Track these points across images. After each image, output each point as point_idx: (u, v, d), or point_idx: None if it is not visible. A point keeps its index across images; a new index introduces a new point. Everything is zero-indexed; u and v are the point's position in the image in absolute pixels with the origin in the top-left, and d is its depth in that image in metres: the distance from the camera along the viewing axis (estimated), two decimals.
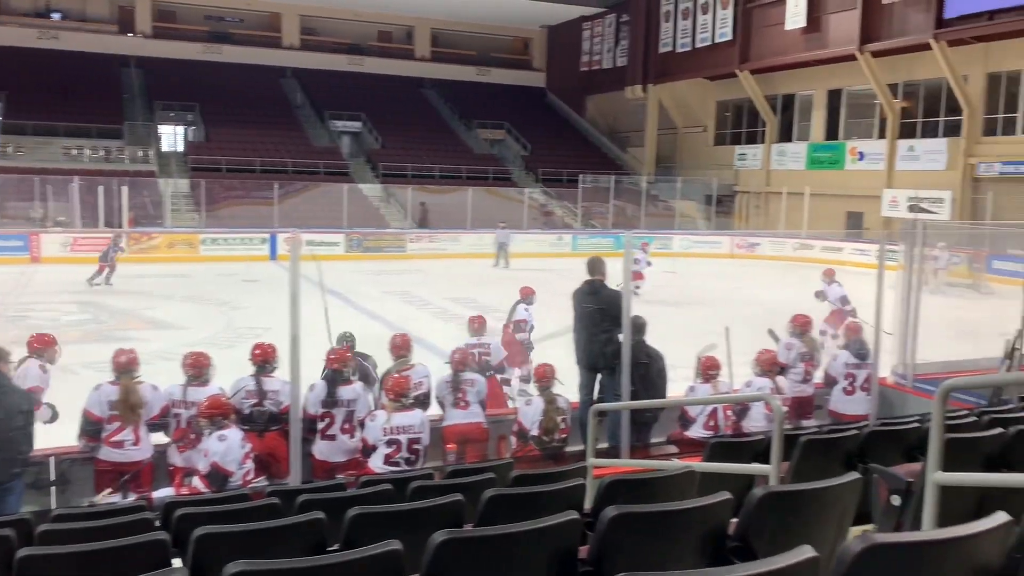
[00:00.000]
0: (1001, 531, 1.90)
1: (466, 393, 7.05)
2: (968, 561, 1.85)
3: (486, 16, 40.85)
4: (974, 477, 3.48)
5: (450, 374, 7.12)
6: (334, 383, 6.42)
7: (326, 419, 6.34)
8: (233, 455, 5.50)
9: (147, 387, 6.15)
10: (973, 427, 4.87)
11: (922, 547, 1.78)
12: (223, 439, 5.51)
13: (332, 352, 6.64)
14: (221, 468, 5.46)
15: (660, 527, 2.46)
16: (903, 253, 8.65)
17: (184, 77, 36.68)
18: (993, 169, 24.64)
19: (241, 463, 5.54)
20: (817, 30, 28.53)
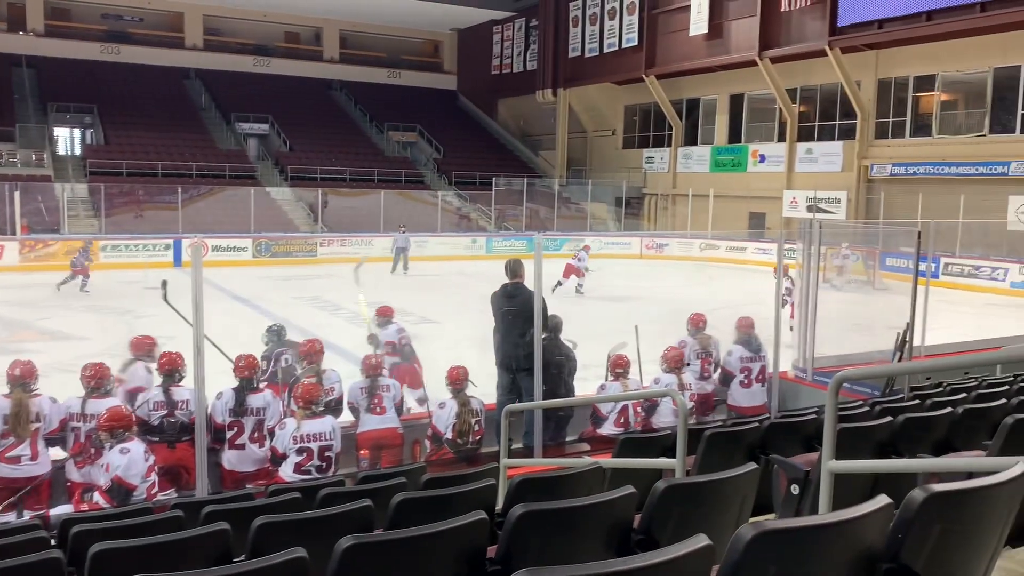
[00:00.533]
0: (884, 513, 2.00)
1: (382, 399, 7.00)
2: (854, 543, 1.95)
3: (395, 18, 40.59)
4: (865, 464, 3.66)
5: (365, 379, 7.05)
6: (243, 391, 6.29)
7: (234, 428, 6.21)
8: (136, 468, 5.30)
9: (44, 400, 5.89)
10: (866, 416, 5.11)
11: (810, 531, 1.86)
12: (125, 452, 5.30)
13: (240, 359, 6.49)
14: (124, 482, 5.26)
15: (567, 523, 2.50)
16: (801, 252, 8.99)
17: (80, 78, 35.26)
18: (885, 170, 25.88)
19: (145, 476, 5.35)
20: (719, 36, 29.40)
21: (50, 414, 5.85)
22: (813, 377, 8.64)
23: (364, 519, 3.06)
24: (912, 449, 4.44)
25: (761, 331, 8.30)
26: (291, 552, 2.16)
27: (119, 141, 32.39)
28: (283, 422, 6.14)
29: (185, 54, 39.23)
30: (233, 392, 6.28)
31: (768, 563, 1.74)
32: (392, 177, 34.60)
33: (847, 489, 3.27)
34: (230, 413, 6.21)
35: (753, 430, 4.86)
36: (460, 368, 7.09)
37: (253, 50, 40.99)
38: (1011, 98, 23.25)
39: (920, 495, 1.96)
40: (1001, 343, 10.56)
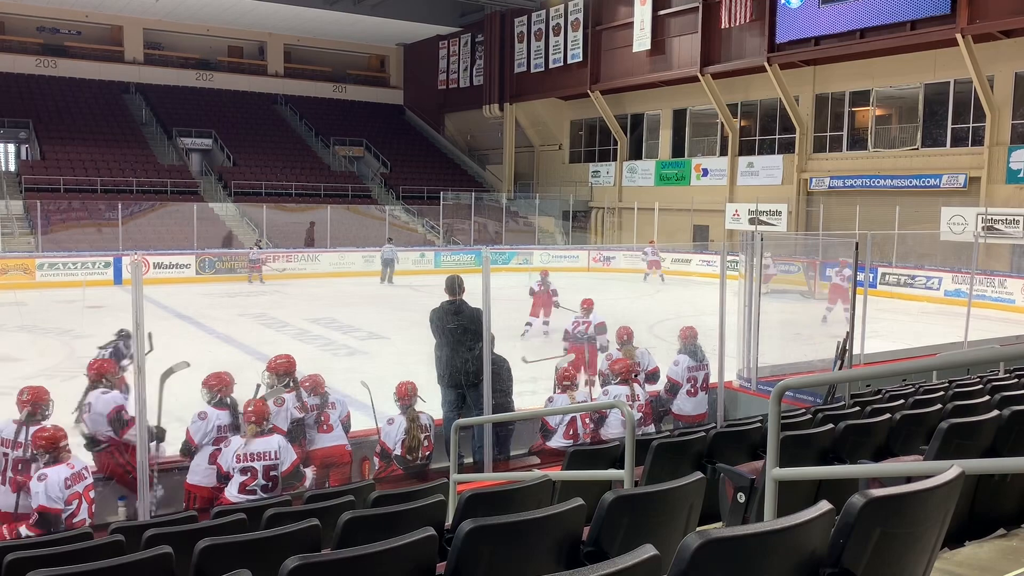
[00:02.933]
0: (826, 519, 2.04)
1: (329, 416, 6.92)
2: (798, 549, 1.98)
3: (340, 33, 40.38)
4: (808, 471, 3.74)
5: (313, 397, 6.97)
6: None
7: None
8: (53, 492, 5.10)
9: None
10: (808, 424, 5.21)
11: (755, 538, 1.89)
12: (42, 479, 5.11)
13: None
14: (47, 509, 5.09)
15: (516, 537, 2.50)
16: (743, 263, 9.16)
17: (15, 92, 34.31)
18: (824, 183, 26.52)
19: (67, 502, 5.16)
20: (662, 52, 29.88)
21: None
22: (757, 386, 8.79)
23: (311, 539, 3.02)
24: (853, 455, 4.54)
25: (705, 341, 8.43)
26: (236, 574, 2.12)
27: (56, 157, 31.56)
28: (228, 440, 6.03)
29: (125, 68, 38.44)
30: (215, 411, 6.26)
31: (714, 571, 1.76)
32: (339, 192, 34.33)
33: (792, 496, 3.33)
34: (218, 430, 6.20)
35: (700, 439, 4.92)
36: (409, 383, 7.06)
37: (196, 64, 40.36)
38: (942, 113, 24.07)
39: (859, 500, 2.01)
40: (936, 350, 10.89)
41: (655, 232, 30.41)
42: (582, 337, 11.41)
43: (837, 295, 16.09)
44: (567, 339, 11.83)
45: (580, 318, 11.89)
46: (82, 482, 5.29)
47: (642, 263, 27.83)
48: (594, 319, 11.66)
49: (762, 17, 26.07)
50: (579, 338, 11.44)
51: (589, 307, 11.92)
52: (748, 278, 8.89)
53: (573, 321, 11.99)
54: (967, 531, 3.50)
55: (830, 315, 15.54)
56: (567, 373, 7.53)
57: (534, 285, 16.19)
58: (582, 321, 11.76)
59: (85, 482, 5.32)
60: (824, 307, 16.64)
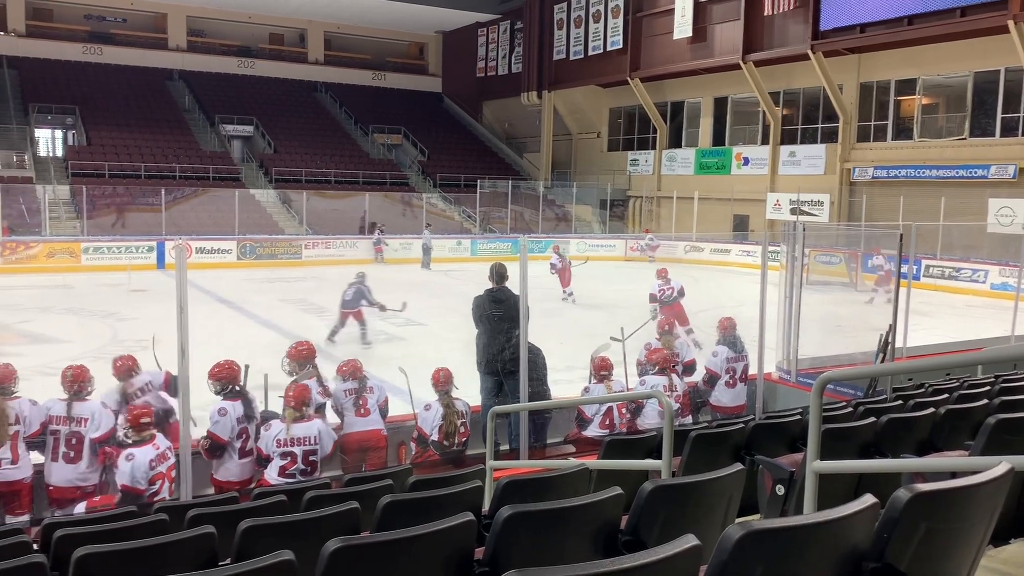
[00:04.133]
0: (870, 513, 2.02)
1: (367, 400, 6.97)
2: (841, 542, 1.96)
3: (380, 21, 40.52)
4: (849, 464, 3.69)
5: (351, 381, 7.01)
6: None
7: (243, 436, 6.13)
8: (139, 473, 5.27)
9: (24, 402, 5.83)
10: (849, 417, 5.14)
11: (797, 531, 1.87)
12: (129, 458, 5.28)
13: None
14: (130, 489, 5.25)
15: (554, 524, 2.50)
16: (785, 254, 9.04)
17: (62, 78, 34.98)
18: (867, 173, 26.06)
19: (150, 482, 5.31)
20: (703, 40, 29.54)
21: (30, 417, 5.79)
22: (797, 378, 8.69)
23: (351, 521, 3.05)
24: (895, 449, 4.47)
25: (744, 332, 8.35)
26: (278, 555, 2.15)
27: (101, 142, 32.15)
28: (269, 424, 6.11)
29: (168, 55, 38.99)
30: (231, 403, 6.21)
31: (756, 563, 1.75)
32: (377, 179, 34.53)
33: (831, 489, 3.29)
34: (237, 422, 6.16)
35: (738, 431, 4.88)
36: (444, 370, 7.08)
37: (237, 51, 40.79)
38: (991, 102, 23.50)
39: (905, 495, 1.97)
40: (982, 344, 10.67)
41: (694, 222, 30.16)
42: (671, 299, 13.81)
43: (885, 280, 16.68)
44: (654, 302, 13.95)
45: (662, 285, 14.14)
46: (165, 462, 5.45)
47: (641, 252, 28.20)
48: (675, 284, 14.12)
49: (806, 4, 25.65)
50: (668, 300, 13.79)
51: (665, 275, 14.34)
52: (789, 269, 8.77)
53: (659, 288, 14.14)
54: (1013, 529, 3.44)
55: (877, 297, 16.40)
56: (604, 362, 7.51)
57: (554, 261, 18.59)
58: (665, 287, 14.06)
59: (168, 462, 5.48)
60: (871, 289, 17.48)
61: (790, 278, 8.80)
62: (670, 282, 14.09)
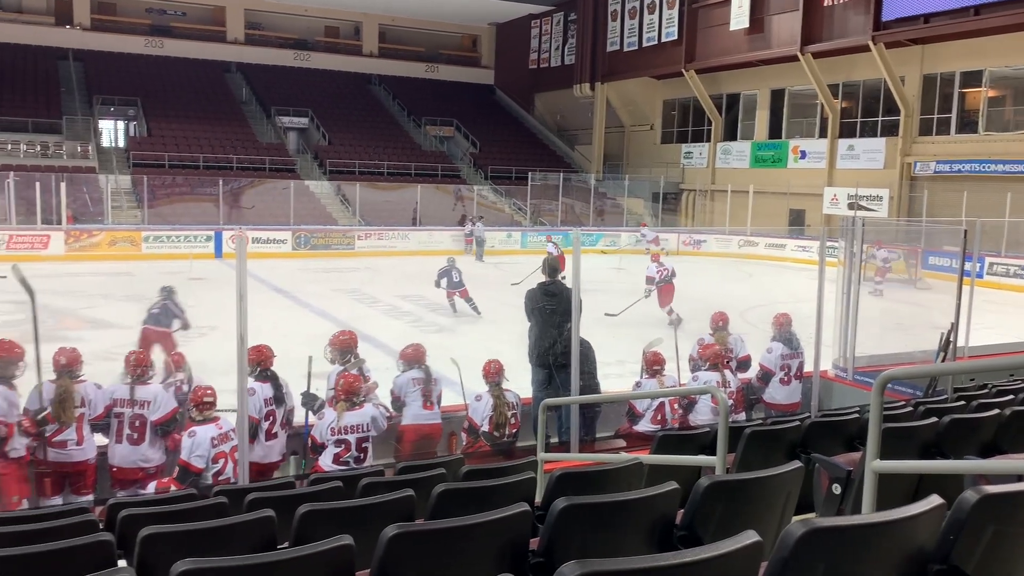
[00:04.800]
0: (935, 514, 1.97)
1: (431, 392, 7.03)
2: (904, 543, 1.93)
3: (434, 13, 40.70)
4: (910, 464, 3.61)
5: (418, 371, 7.04)
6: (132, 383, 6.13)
7: (270, 418, 6.24)
8: (200, 451, 5.43)
9: (90, 386, 6.01)
10: (909, 417, 5.03)
11: (860, 530, 1.84)
12: (192, 435, 5.45)
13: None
14: (189, 465, 5.41)
15: (609, 517, 2.50)
16: (843, 250, 8.87)
17: (124, 71, 35.85)
18: (929, 168, 25.39)
19: (212, 460, 5.44)
20: (760, 31, 29.05)
21: (95, 400, 5.97)
22: (854, 376, 8.53)
23: (406, 509, 3.09)
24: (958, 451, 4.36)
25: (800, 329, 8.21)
26: (338, 539, 2.19)
27: (162, 133, 32.90)
28: (322, 413, 6.21)
29: (227, 48, 39.70)
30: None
31: (817, 561, 1.73)
32: (428, 171, 34.75)
33: (890, 490, 3.23)
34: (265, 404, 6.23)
35: (794, 428, 4.81)
36: (495, 362, 7.10)
37: (294, 44, 41.37)
38: None
39: (973, 496, 1.93)
40: None
41: (748, 216, 29.73)
42: (668, 278, 15.49)
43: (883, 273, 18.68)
44: (651, 283, 15.57)
45: (659, 267, 15.62)
46: (228, 442, 5.63)
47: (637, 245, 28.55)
48: (668, 266, 15.80)
49: None
50: (667, 279, 15.43)
51: (658, 259, 16.29)
52: (848, 265, 8.60)
53: (657, 271, 15.54)
54: None
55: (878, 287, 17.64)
56: (656, 357, 7.45)
57: (551, 248, 19.24)
58: (662, 270, 15.55)
59: (231, 442, 5.64)
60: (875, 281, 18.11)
61: (848, 274, 8.63)
62: (664, 265, 15.83)
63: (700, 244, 30.74)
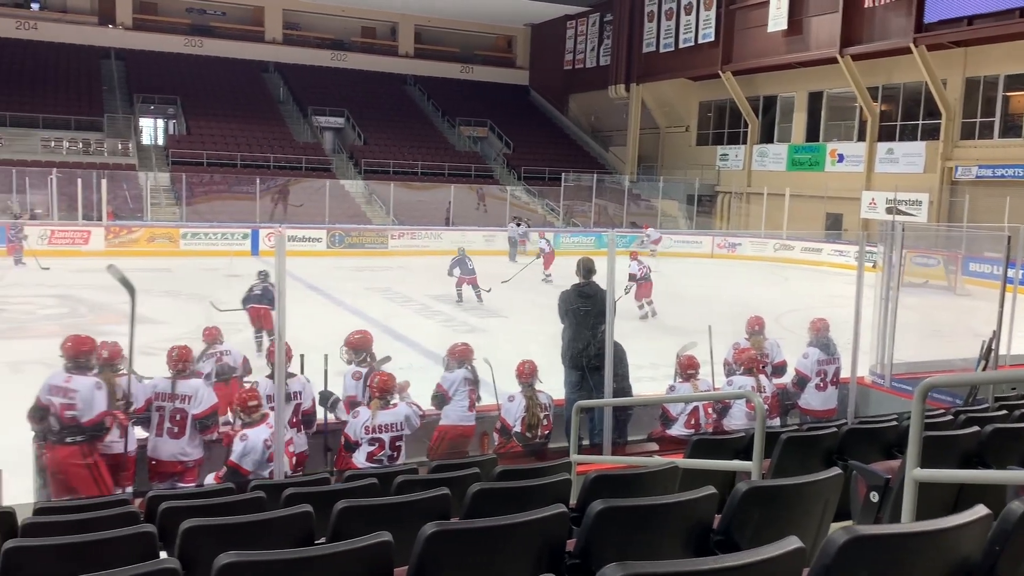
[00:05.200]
0: (981, 524, 1.95)
1: (474, 393, 7.06)
2: (948, 553, 1.90)
3: (470, 14, 40.83)
4: (952, 474, 3.55)
5: (468, 370, 7.05)
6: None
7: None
8: (254, 456, 5.46)
9: (131, 379, 6.11)
10: (950, 425, 4.96)
11: (904, 539, 1.82)
12: (243, 439, 5.49)
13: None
14: (238, 467, 5.48)
15: (646, 521, 2.50)
16: (881, 255, 8.74)
17: (165, 70, 36.42)
18: (970, 173, 24.96)
19: (266, 462, 5.47)
20: (799, 32, 28.75)
21: (136, 393, 6.07)
22: (891, 383, 8.41)
23: (441, 507, 3.11)
24: (1000, 461, 4.29)
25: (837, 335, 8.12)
26: (377, 536, 2.21)
27: (200, 132, 33.37)
28: (356, 411, 6.25)
29: (265, 48, 40.16)
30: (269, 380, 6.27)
31: (860, 568, 1.71)
32: (462, 171, 34.86)
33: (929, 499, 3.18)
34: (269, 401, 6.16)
35: (830, 435, 4.77)
36: (529, 362, 7.09)
37: (331, 44, 41.73)
38: None
39: (1020, 507, 1.90)
40: None
41: (785, 219, 29.43)
42: (647, 275, 16.53)
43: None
44: (632, 280, 16.39)
45: (639, 266, 16.55)
46: (281, 445, 5.62)
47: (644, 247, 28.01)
48: (647, 264, 16.90)
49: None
50: (646, 277, 16.50)
51: (636, 257, 17.06)
52: (886, 270, 8.48)
53: (638, 269, 16.45)
54: None
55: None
56: (691, 361, 7.40)
57: (543, 245, 19.85)
58: (642, 267, 16.55)
59: (282, 445, 5.65)
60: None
61: (886, 280, 8.51)
62: (643, 263, 16.68)
63: (735, 247, 30.48)
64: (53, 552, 2.66)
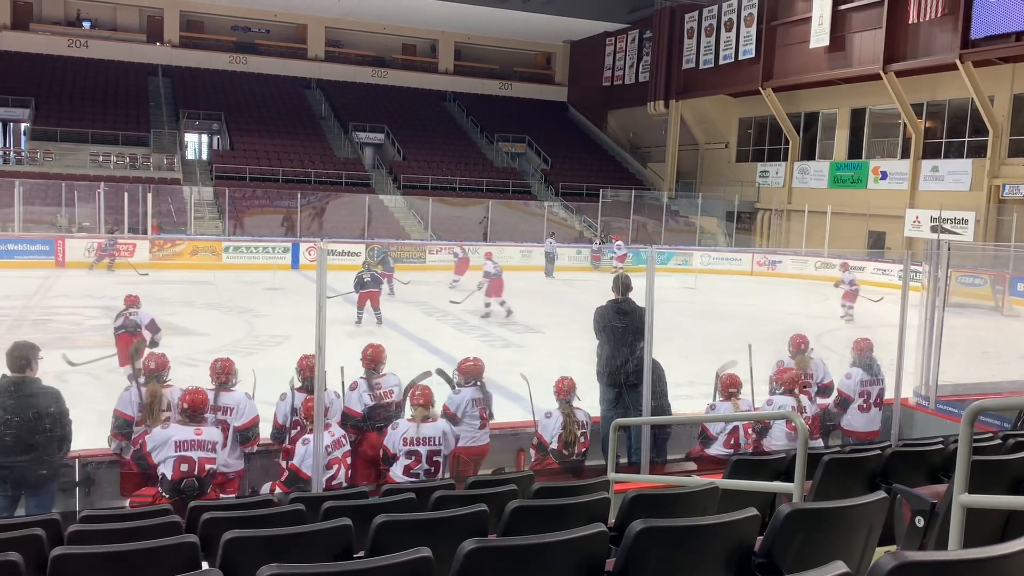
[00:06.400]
0: None
1: (486, 411, 6.99)
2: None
3: (509, 31, 41.09)
4: (1002, 500, 3.47)
5: (475, 388, 6.91)
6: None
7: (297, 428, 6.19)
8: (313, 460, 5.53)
9: (176, 390, 6.20)
10: (998, 449, 4.84)
11: (952, 566, 1.78)
12: (305, 443, 5.57)
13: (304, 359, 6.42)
14: (299, 472, 5.55)
15: (686, 542, 2.47)
16: (926, 274, 8.60)
17: (210, 86, 37.17)
18: (1019, 191, 24.44)
19: (326, 468, 5.52)
20: (841, 49, 28.48)
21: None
22: (936, 405, 8.24)
23: (479, 523, 3.11)
24: None
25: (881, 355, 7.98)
26: (417, 551, 2.22)
27: (243, 147, 33.95)
28: (396, 423, 6.27)
29: (307, 64, 40.79)
30: (296, 393, 6.31)
31: None
32: (500, 187, 34.99)
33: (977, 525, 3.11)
34: (294, 413, 6.24)
35: (874, 457, 4.68)
36: (567, 379, 7.06)
37: (372, 61, 42.26)
38: None
39: None
40: None
41: (826, 237, 29.06)
42: (499, 273, 18.36)
43: (849, 299, 19.41)
44: (487, 277, 18.26)
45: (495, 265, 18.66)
46: (340, 448, 5.81)
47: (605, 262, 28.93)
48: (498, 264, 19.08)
49: (955, 11, 24.32)
50: (497, 273, 18.26)
51: (491, 256, 19.38)
52: (931, 290, 8.33)
53: (493, 267, 18.40)
54: None
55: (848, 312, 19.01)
56: (733, 380, 7.32)
57: (489, 269, 19.08)
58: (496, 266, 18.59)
59: (343, 448, 5.86)
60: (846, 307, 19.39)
61: (932, 299, 8.36)
62: (496, 263, 18.80)
63: (775, 265, 30.16)
64: (98, 560, 2.70)
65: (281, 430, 6.29)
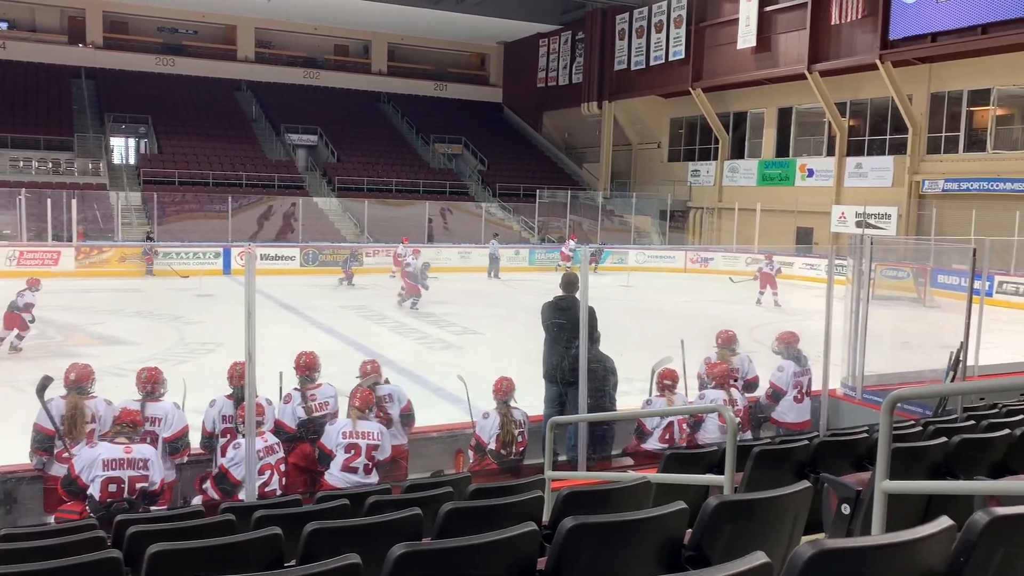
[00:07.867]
0: (945, 535, 1.96)
1: (386, 409, 6.87)
2: (914, 565, 1.91)
3: (443, 32, 40.97)
4: (920, 485, 3.59)
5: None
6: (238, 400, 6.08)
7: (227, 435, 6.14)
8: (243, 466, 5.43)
9: (100, 402, 6.02)
10: (919, 436, 5.01)
11: (870, 551, 1.83)
12: (237, 447, 5.49)
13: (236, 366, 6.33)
14: (229, 474, 5.47)
15: (617, 537, 2.49)
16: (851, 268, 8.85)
17: (136, 89, 36.16)
18: (937, 186, 25.37)
19: (260, 471, 5.42)
20: (767, 50, 29.15)
21: (105, 416, 5.97)
22: (862, 395, 8.49)
23: (413, 527, 3.08)
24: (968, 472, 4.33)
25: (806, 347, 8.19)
26: (345, 558, 2.19)
27: (172, 151, 33.13)
28: (334, 418, 6.20)
29: (237, 66, 40.03)
30: (225, 400, 6.25)
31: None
32: (437, 188, 34.87)
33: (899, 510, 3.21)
34: (224, 420, 6.16)
35: (802, 448, 4.79)
36: (506, 379, 7.07)
37: (303, 62, 41.68)
38: None
39: (983, 518, 1.92)
40: None
41: (756, 234, 29.71)
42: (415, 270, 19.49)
43: (766, 282, 21.30)
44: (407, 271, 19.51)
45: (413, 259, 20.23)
46: (273, 455, 5.72)
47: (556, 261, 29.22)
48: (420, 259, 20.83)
49: (875, 13, 25.12)
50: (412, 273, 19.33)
51: (417, 253, 21.56)
52: (856, 283, 8.58)
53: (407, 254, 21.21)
54: None
55: (763, 299, 21.07)
56: (671, 374, 7.42)
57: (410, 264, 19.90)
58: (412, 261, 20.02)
59: (277, 455, 5.76)
60: (758, 291, 21.38)
61: (856, 292, 8.61)
62: (417, 257, 20.75)
63: (707, 262, 30.71)
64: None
65: (210, 437, 6.17)
